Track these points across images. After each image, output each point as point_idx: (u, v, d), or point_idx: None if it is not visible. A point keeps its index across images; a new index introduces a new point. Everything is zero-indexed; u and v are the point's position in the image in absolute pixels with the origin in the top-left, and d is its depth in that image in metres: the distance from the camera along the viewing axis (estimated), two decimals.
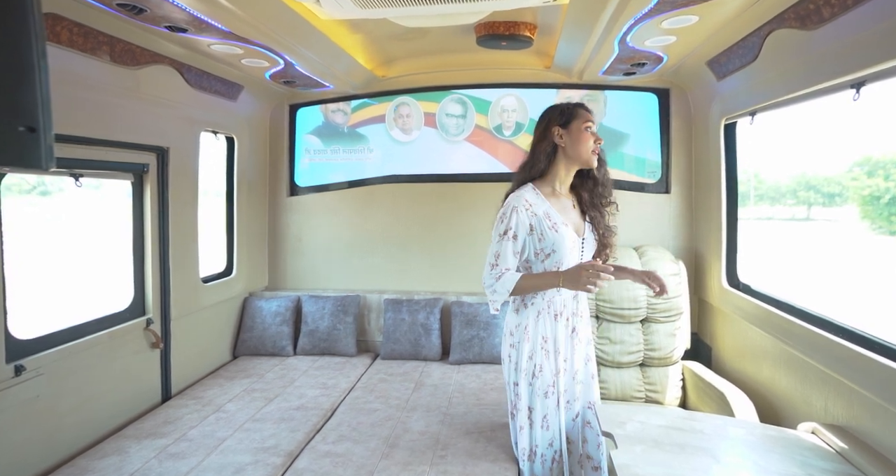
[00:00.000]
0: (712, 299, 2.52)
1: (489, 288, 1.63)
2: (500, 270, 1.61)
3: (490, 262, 1.65)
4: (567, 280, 1.53)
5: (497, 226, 1.66)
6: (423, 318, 2.77)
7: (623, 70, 2.43)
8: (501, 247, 1.62)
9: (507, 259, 1.62)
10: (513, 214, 1.62)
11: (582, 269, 1.50)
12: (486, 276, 1.64)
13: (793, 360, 1.84)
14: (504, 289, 1.59)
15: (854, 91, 1.49)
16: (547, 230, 1.61)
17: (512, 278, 1.59)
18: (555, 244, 1.60)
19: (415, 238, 3.05)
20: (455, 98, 2.99)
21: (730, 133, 2.35)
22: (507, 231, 1.62)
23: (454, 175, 3.03)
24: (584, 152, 1.63)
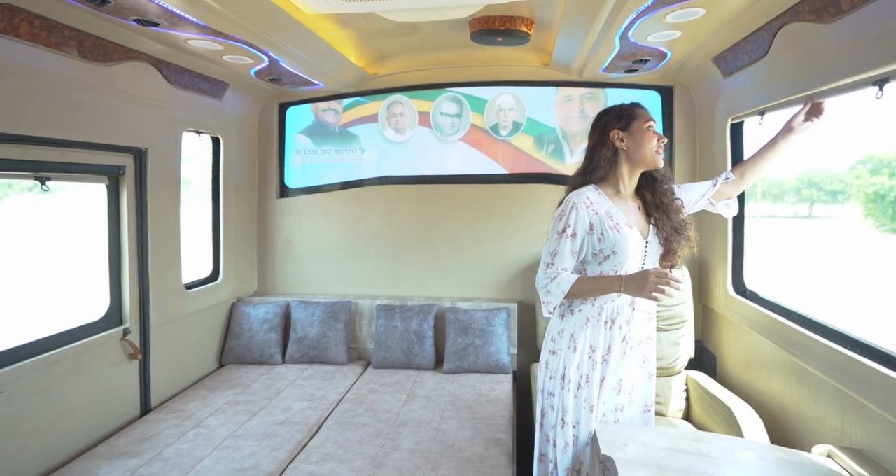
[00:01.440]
0: (717, 307, 2.40)
1: (543, 288, 1.52)
2: (556, 270, 1.51)
3: (545, 261, 1.54)
4: (630, 285, 1.42)
5: (555, 223, 1.55)
6: (417, 325, 2.66)
7: (625, 67, 2.31)
8: (559, 245, 1.52)
9: (565, 258, 1.52)
10: (573, 211, 1.52)
11: (650, 274, 1.38)
12: (540, 276, 1.54)
13: (805, 375, 1.73)
14: (559, 290, 1.48)
15: (877, 89, 1.37)
16: (608, 230, 1.50)
17: (568, 280, 1.48)
18: (616, 245, 1.50)
19: (409, 241, 2.94)
20: (450, 96, 2.87)
21: (736, 132, 2.23)
22: (566, 229, 1.51)
23: (449, 176, 2.91)
24: (648, 153, 1.54)
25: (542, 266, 1.56)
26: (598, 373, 1.56)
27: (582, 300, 1.56)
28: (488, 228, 2.87)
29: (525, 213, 2.83)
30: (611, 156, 1.57)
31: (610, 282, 1.48)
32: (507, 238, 2.84)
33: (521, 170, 2.86)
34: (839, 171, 3.44)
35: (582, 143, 2.77)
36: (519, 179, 2.85)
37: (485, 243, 2.87)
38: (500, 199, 2.87)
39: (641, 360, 1.62)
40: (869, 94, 1.46)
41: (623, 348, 1.58)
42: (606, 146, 1.57)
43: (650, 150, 1.52)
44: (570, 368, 1.56)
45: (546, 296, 1.53)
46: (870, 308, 1.75)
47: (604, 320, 1.56)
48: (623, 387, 1.60)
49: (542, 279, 1.54)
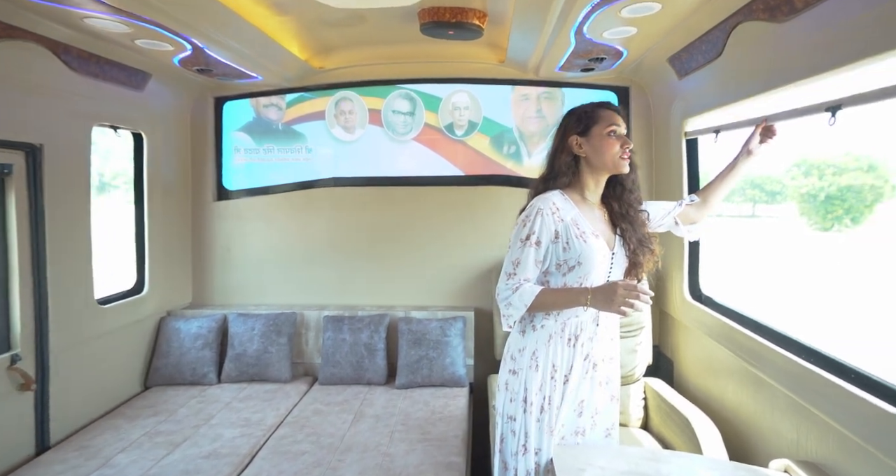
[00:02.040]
0: (674, 312, 2.36)
1: (504, 301, 1.39)
2: (518, 281, 1.39)
3: (507, 271, 1.41)
4: (597, 298, 1.31)
5: (518, 230, 1.42)
6: (367, 337, 2.48)
7: (581, 65, 2.22)
8: (523, 254, 1.39)
9: (528, 268, 1.39)
10: (537, 218, 1.39)
11: (618, 287, 1.26)
12: (500, 287, 1.41)
13: (760, 384, 1.68)
14: (522, 303, 1.36)
15: (830, 115, 1.32)
16: (574, 238, 1.39)
17: (532, 291, 1.36)
18: (581, 255, 1.38)
19: (360, 247, 2.75)
20: (402, 93, 2.70)
21: (691, 148, 2.17)
22: (530, 236, 1.39)
23: (402, 178, 2.75)
24: (609, 160, 1.42)
25: (502, 276, 1.42)
26: (558, 393, 1.44)
27: (545, 315, 1.44)
28: (444, 233, 2.72)
29: (482, 217, 2.70)
30: (571, 162, 1.46)
31: (576, 294, 1.36)
32: (464, 243, 2.71)
33: (478, 171, 2.73)
34: (777, 173, 3.46)
35: (540, 144, 2.68)
36: (475, 181, 2.72)
37: (440, 248, 2.73)
38: (455, 201, 2.73)
39: (605, 381, 1.50)
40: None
41: (585, 367, 1.47)
42: (566, 152, 1.46)
43: (612, 157, 1.41)
44: (531, 390, 1.43)
45: (507, 309, 1.40)
46: (805, 303, 1.75)
47: (567, 337, 1.44)
48: (585, 409, 1.48)
49: (502, 291, 1.40)
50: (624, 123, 1.43)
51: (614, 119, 1.42)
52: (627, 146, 1.41)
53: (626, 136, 1.44)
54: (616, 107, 1.46)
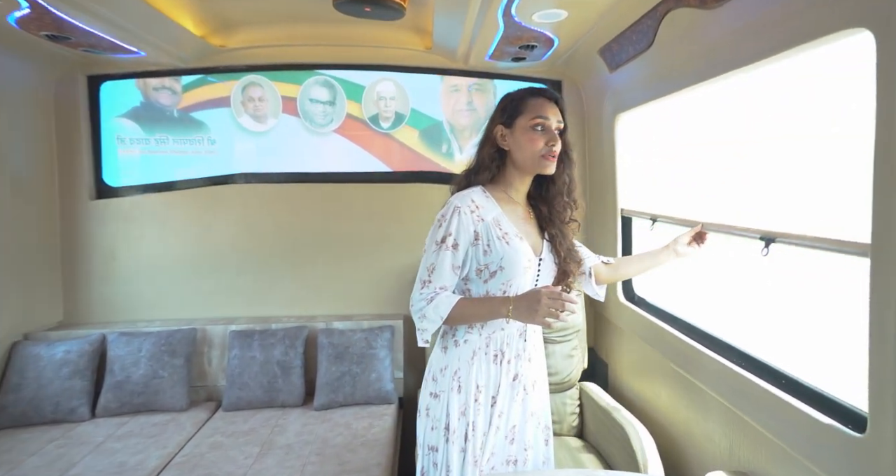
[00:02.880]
0: (608, 314, 2.27)
1: (418, 313, 1.20)
2: (433, 289, 1.20)
3: (422, 279, 1.22)
4: (519, 308, 1.13)
5: (433, 231, 1.23)
6: (282, 353, 2.17)
7: (512, 54, 2.06)
8: (438, 258, 1.20)
9: (444, 275, 1.20)
10: (454, 217, 1.20)
11: (542, 295, 1.09)
12: (414, 296, 1.22)
13: (692, 389, 1.60)
14: (437, 315, 1.18)
15: (763, 245, 1.23)
16: (496, 240, 1.21)
17: (448, 301, 1.17)
18: (504, 259, 1.20)
19: (274, 251, 2.43)
20: (320, 80, 2.41)
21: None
22: (446, 238, 1.20)
23: (322, 174, 2.46)
24: (529, 158, 1.23)
25: (417, 284, 1.22)
26: (484, 417, 1.25)
27: (468, 328, 1.25)
28: (369, 234, 2.47)
29: (411, 216, 2.47)
30: (495, 154, 1.28)
31: (497, 304, 1.18)
32: (392, 245, 2.47)
33: (407, 167, 2.51)
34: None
35: (472, 139, 2.50)
36: (404, 178, 2.49)
37: (366, 252, 2.47)
38: (382, 200, 2.48)
39: (536, 424, 1.34)
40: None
41: (515, 388, 1.28)
42: (490, 143, 1.27)
43: (533, 154, 1.22)
44: (453, 415, 1.24)
45: (421, 321, 1.20)
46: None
47: (492, 354, 1.26)
48: (517, 436, 1.30)
49: (416, 301, 1.20)
50: (558, 116, 1.24)
51: (542, 110, 1.22)
52: (553, 144, 1.21)
53: (563, 132, 1.25)
54: (552, 94, 1.26)
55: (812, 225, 1.10)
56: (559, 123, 1.25)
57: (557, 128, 1.24)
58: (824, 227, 1.06)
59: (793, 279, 1.38)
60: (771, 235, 1.22)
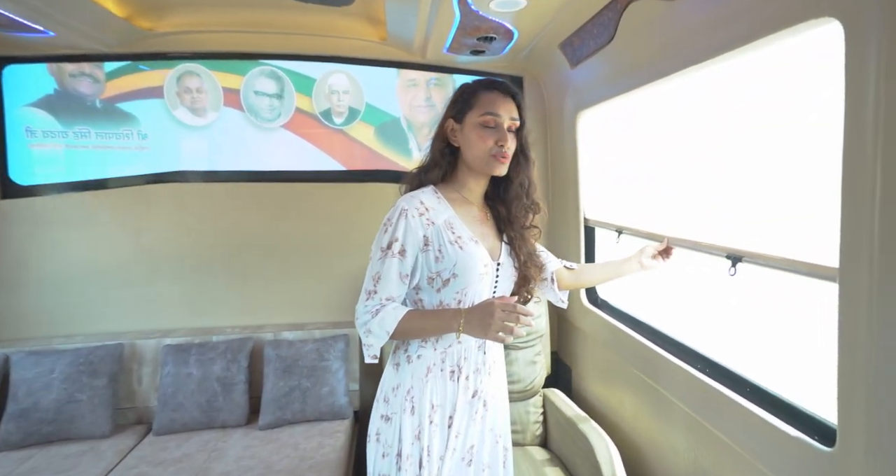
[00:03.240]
0: (572, 317, 2.19)
1: (363, 327, 1.07)
2: (378, 301, 1.06)
3: (367, 289, 1.08)
4: (471, 322, 1.02)
5: (379, 237, 1.10)
6: (222, 368, 1.96)
7: (470, 46, 1.95)
8: (384, 266, 1.07)
9: (391, 285, 1.07)
10: (401, 220, 1.07)
11: (495, 308, 0.99)
12: (359, 309, 1.08)
13: (657, 397, 1.53)
14: (382, 330, 1.05)
15: (730, 264, 1.17)
16: (448, 245, 1.09)
17: (394, 315, 1.05)
18: (457, 266, 1.08)
19: (216, 256, 2.21)
20: (266, 71, 2.22)
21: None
22: (392, 244, 1.07)
23: (270, 173, 2.26)
24: (478, 158, 1.10)
25: (362, 295, 1.08)
26: (439, 440, 1.13)
27: (421, 343, 1.13)
28: (322, 237, 2.29)
29: (367, 218, 2.27)
30: (446, 151, 1.16)
31: (447, 318, 1.06)
32: (346, 248, 2.30)
33: (362, 166, 2.35)
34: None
35: (431, 136, 2.37)
36: (359, 177, 2.33)
37: (318, 255, 2.29)
38: (336, 200, 2.31)
39: (494, 442, 1.22)
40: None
41: (474, 406, 1.17)
42: (441, 138, 1.16)
43: (481, 154, 1.10)
44: (406, 440, 1.11)
45: (366, 336, 1.07)
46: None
47: (448, 370, 1.14)
48: (475, 457, 1.18)
49: (361, 313, 1.07)
50: (512, 113, 1.12)
51: (494, 106, 1.10)
52: (503, 143, 1.09)
53: (519, 129, 1.13)
54: (508, 88, 1.14)
55: (786, 226, 1.05)
56: (513, 121, 1.12)
57: (512, 125, 1.12)
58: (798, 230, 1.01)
59: (762, 287, 1.34)
60: (738, 254, 1.16)
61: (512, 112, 1.12)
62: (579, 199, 1.98)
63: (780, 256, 1.04)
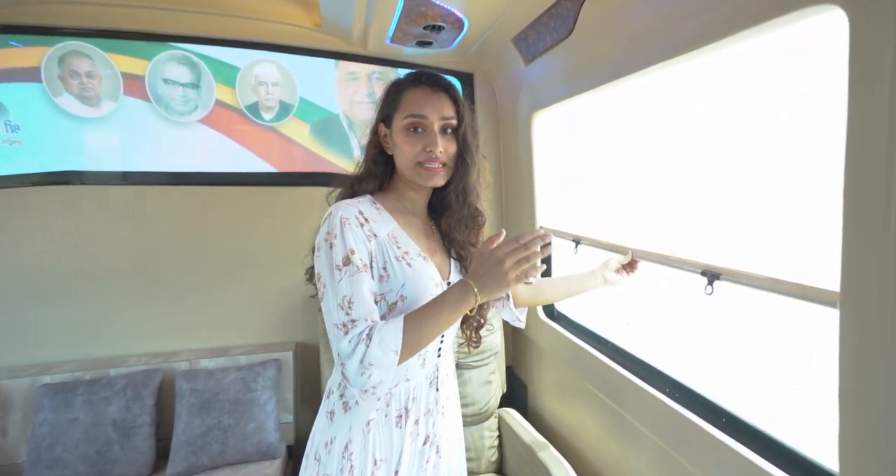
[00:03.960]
0: (527, 331, 2.03)
1: (359, 366, 0.80)
2: (363, 327, 0.83)
3: (339, 323, 0.83)
4: (486, 286, 0.83)
5: (326, 255, 0.87)
6: (120, 409, 1.60)
7: (416, 36, 1.73)
8: (351, 284, 0.85)
9: (367, 304, 0.85)
10: (346, 229, 0.87)
11: (498, 254, 0.83)
12: (344, 348, 0.81)
13: (622, 423, 1.39)
14: (388, 352, 0.81)
15: (706, 282, 1.03)
16: (393, 262, 0.90)
17: (395, 328, 0.82)
18: (406, 286, 0.90)
19: (117, 271, 1.84)
20: (178, 56, 1.87)
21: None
22: (350, 256, 0.86)
23: (184, 174, 1.91)
24: (406, 166, 0.93)
25: (334, 333, 0.83)
26: None
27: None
28: (250, 248, 1.98)
29: (303, 226, 1.97)
30: (379, 158, 0.98)
31: (454, 298, 0.85)
32: (278, 259, 2.00)
33: (296, 168, 2.05)
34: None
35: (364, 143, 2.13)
36: (293, 181, 2.04)
37: (245, 269, 1.97)
38: (266, 206, 2.01)
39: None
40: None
41: (425, 454, 0.97)
42: (373, 144, 0.98)
43: (407, 161, 0.92)
44: None
45: (369, 376, 0.81)
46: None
47: (394, 415, 0.95)
48: None
49: (348, 352, 0.81)
50: (444, 111, 0.92)
51: (419, 105, 0.91)
52: (432, 150, 0.90)
53: (456, 129, 0.94)
54: (436, 80, 0.95)
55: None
56: (446, 120, 0.93)
57: (446, 125, 0.93)
58: None
59: (744, 304, 1.22)
60: (714, 271, 1.03)
61: (443, 110, 0.92)
62: (535, 206, 1.82)
63: (766, 276, 0.91)
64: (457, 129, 0.95)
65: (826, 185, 0.78)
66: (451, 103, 0.94)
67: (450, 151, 0.94)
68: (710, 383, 1.18)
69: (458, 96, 0.96)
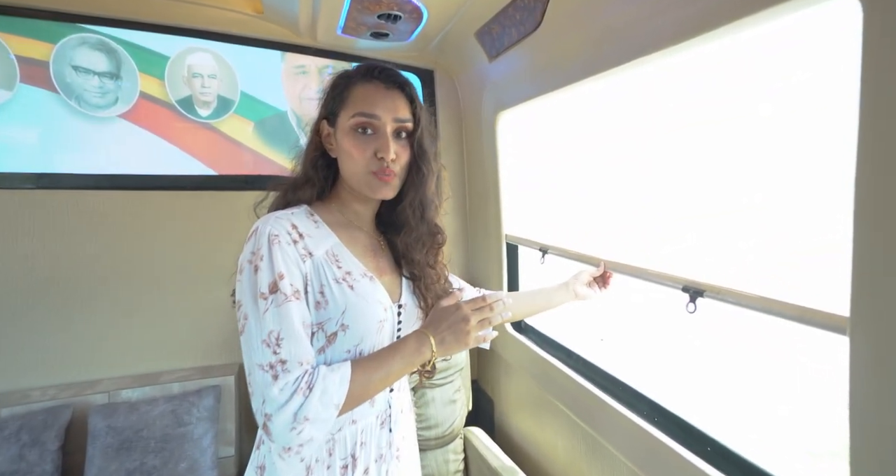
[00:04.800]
0: (494, 343, 1.90)
1: (287, 426, 0.64)
2: (299, 373, 0.66)
3: (266, 364, 0.66)
4: (444, 341, 0.76)
5: (249, 280, 0.71)
6: (11, 459, 1.31)
7: (371, 27, 1.55)
8: (280, 318, 0.68)
9: (301, 343, 0.69)
10: (274, 248, 0.71)
11: (461, 310, 0.77)
12: (275, 401, 0.64)
13: (596, 448, 1.27)
14: (329, 407, 0.66)
15: (688, 299, 0.92)
16: (332, 285, 0.74)
17: (341, 380, 0.68)
18: (348, 313, 0.74)
19: (19, 289, 1.53)
20: (91, 41, 1.59)
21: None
22: (278, 282, 0.70)
23: (102, 177, 1.63)
24: (354, 174, 0.79)
25: (260, 376, 0.66)
26: None
27: None
28: (186, 260, 1.72)
29: (246, 235, 1.79)
30: (320, 162, 0.82)
31: (408, 350, 0.74)
32: (218, 273, 1.73)
33: (238, 170, 1.82)
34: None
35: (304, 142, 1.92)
36: (235, 185, 1.80)
37: (179, 284, 1.71)
38: (204, 213, 1.75)
39: None
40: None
41: None
42: (314, 145, 0.82)
43: (359, 168, 0.77)
44: None
45: (305, 430, 0.64)
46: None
47: (339, 464, 0.78)
48: None
49: (284, 403, 0.64)
50: (399, 111, 0.78)
51: (370, 104, 0.76)
52: (383, 155, 0.75)
53: (411, 135, 0.79)
54: (391, 75, 0.80)
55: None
56: (400, 123, 0.78)
57: (400, 129, 0.78)
58: None
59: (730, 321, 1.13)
60: (698, 287, 0.92)
61: (398, 110, 0.78)
62: (500, 213, 1.68)
63: (759, 295, 0.81)
64: (412, 134, 0.79)
65: (807, 181, 0.68)
66: (406, 103, 0.79)
67: (402, 159, 0.79)
68: (690, 400, 1.07)
69: (416, 95, 0.81)
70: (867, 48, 0.58)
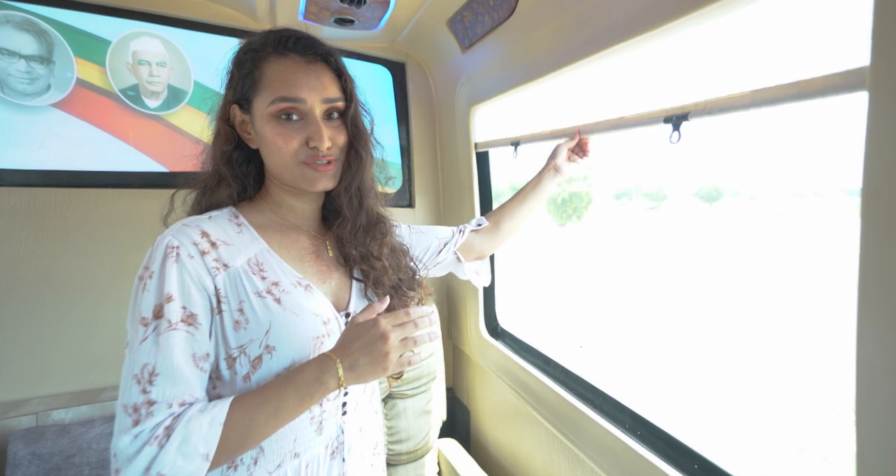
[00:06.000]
0: (468, 349, 1.78)
1: (141, 471, 0.49)
2: (162, 420, 0.52)
3: (130, 404, 0.52)
4: (355, 365, 0.59)
5: (134, 304, 0.58)
6: None
7: (334, 12, 1.41)
8: (157, 350, 0.55)
9: (178, 379, 0.55)
10: (167, 265, 0.58)
11: (379, 326, 0.61)
12: (123, 453, 0.50)
13: (574, 461, 1.17)
14: (194, 465, 0.51)
15: (672, 129, 0.82)
16: (253, 300, 0.62)
17: (210, 423, 0.54)
18: (273, 332, 0.62)
19: None
20: (16, 19, 1.40)
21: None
22: (164, 307, 0.56)
23: (34, 173, 1.44)
24: (283, 167, 0.66)
25: (120, 419, 0.53)
26: None
27: (252, 459, 0.62)
28: (132, 264, 1.53)
29: None
30: (236, 156, 0.70)
31: (309, 380, 0.59)
32: None
33: (191, 166, 1.63)
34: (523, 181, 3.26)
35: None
36: (188, 182, 1.62)
37: (123, 293, 1.53)
38: (153, 213, 1.57)
39: None
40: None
41: None
42: (223, 134, 0.69)
43: (287, 160, 0.64)
44: None
45: None
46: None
47: None
48: None
49: (133, 456, 0.50)
50: (327, 90, 0.65)
51: (292, 86, 0.63)
52: (317, 145, 0.63)
53: (344, 115, 0.68)
54: (310, 45, 0.66)
55: None
56: (330, 103, 0.65)
57: (331, 109, 0.66)
58: None
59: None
60: (679, 112, 0.77)
61: (326, 89, 0.65)
62: (475, 205, 1.58)
63: (750, 90, 0.68)
64: (344, 113, 0.67)
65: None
66: (334, 78, 0.66)
67: (339, 143, 0.66)
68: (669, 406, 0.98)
69: (342, 66, 0.68)
70: (878, 31, 0.49)
